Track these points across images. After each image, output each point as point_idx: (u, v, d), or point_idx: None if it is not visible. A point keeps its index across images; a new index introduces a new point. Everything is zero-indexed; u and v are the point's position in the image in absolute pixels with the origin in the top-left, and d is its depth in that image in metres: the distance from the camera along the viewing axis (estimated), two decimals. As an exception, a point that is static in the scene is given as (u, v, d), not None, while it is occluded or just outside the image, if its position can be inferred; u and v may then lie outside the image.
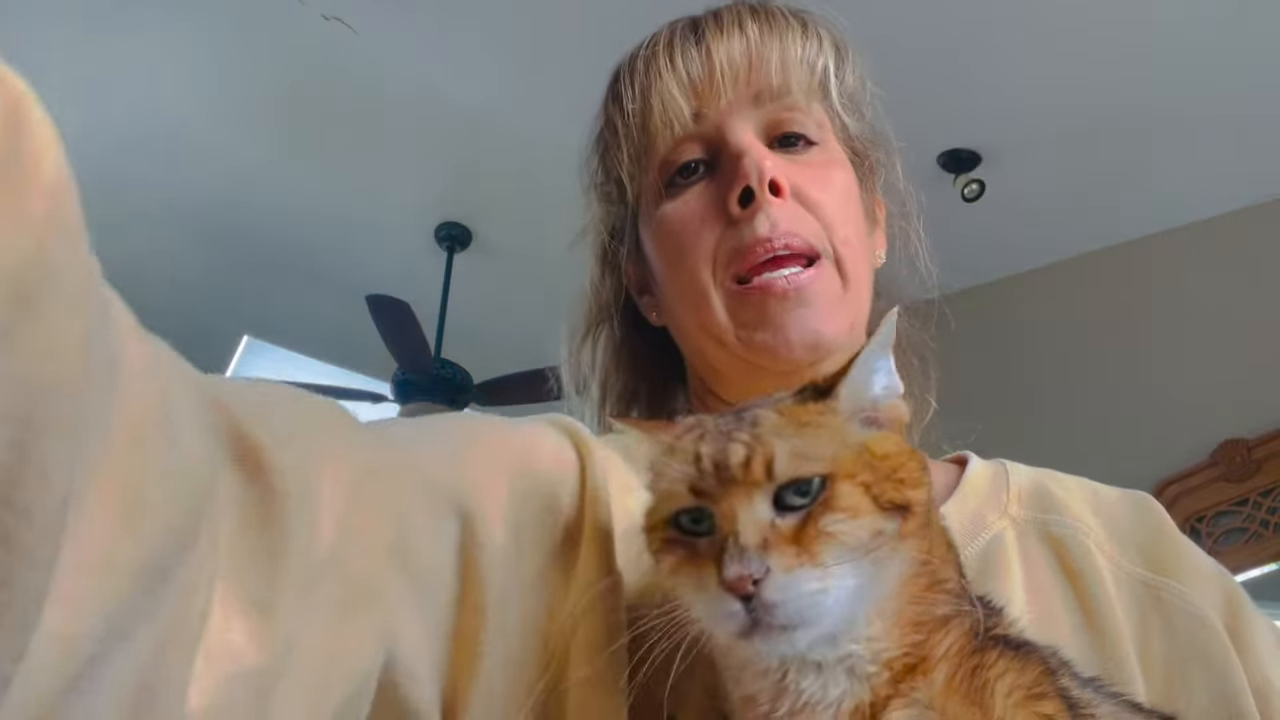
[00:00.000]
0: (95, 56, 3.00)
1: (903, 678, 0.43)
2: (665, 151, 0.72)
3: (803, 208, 0.69)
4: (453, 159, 3.37)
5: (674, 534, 0.46)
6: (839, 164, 0.74)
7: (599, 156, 0.80)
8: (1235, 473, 3.10)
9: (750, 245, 0.67)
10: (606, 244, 0.80)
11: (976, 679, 0.43)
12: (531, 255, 3.49)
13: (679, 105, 0.71)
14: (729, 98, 0.70)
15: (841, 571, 0.42)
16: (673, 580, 0.46)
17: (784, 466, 0.43)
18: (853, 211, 0.73)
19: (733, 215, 0.68)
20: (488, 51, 2.92)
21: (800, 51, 0.72)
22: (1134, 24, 2.71)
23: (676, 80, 0.71)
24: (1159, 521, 0.70)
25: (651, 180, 0.74)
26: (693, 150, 0.72)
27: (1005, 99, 2.98)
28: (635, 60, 0.75)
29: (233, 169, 3.42)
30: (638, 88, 0.73)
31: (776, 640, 0.42)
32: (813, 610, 0.42)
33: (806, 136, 0.72)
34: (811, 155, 0.72)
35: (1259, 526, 3.06)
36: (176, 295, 3.91)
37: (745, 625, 0.42)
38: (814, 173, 0.71)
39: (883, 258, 0.80)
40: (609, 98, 0.78)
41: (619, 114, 0.75)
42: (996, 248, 3.51)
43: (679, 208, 0.71)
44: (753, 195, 0.67)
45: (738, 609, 0.42)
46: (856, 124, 0.76)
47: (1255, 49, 2.76)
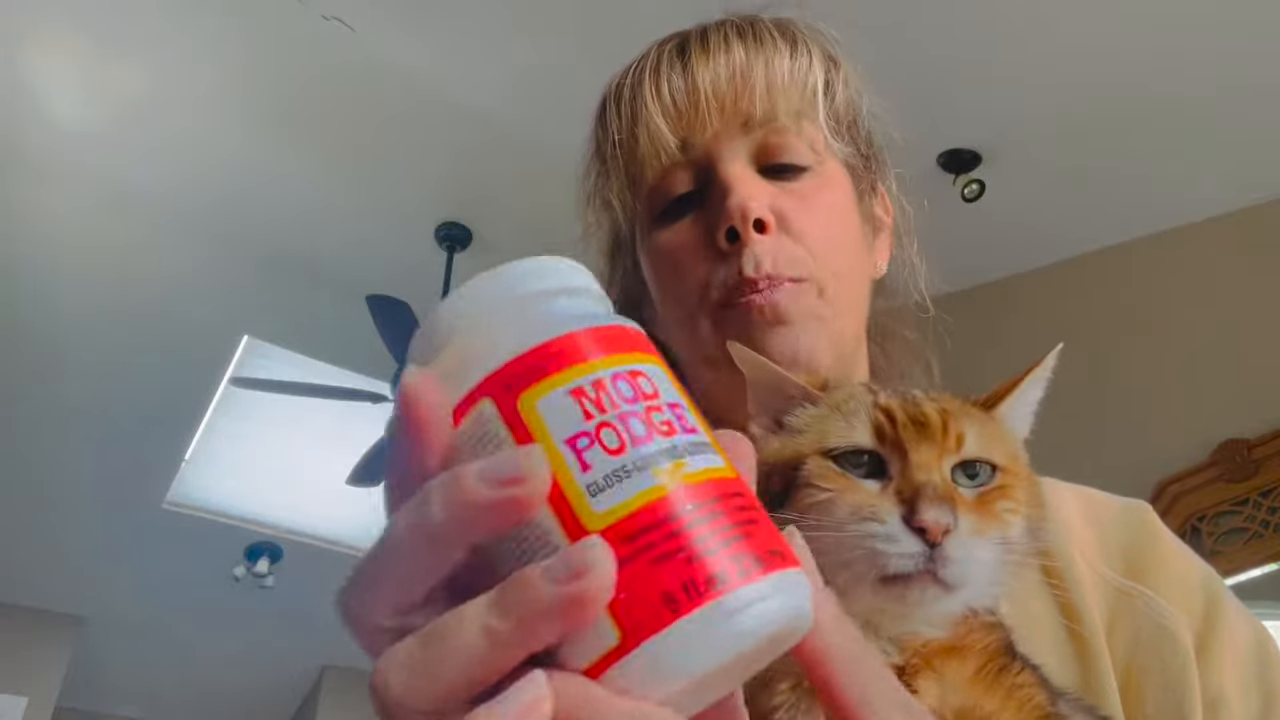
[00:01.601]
0: (94, 55, 3.00)
1: (936, 656, 0.44)
2: (655, 180, 0.71)
3: (790, 239, 0.68)
4: (453, 159, 3.37)
5: (832, 467, 0.46)
6: (831, 185, 0.73)
7: (593, 174, 0.79)
8: (1235, 473, 3.09)
9: (736, 284, 0.67)
10: (603, 253, 0.80)
11: (1003, 679, 0.44)
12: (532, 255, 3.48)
13: (665, 137, 0.70)
14: (715, 126, 0.70)
15: (1000, 554, 0.44)
16: (828, 507, 0.45)
17: (972, 443, 0.46)
18: (845, 237, 0.72)
19: (721, 249, 0.68)
20: (488, 51, 2.92)
21: (788, 74, 0.70)
22: (1135, 24, 2.71)
23: (661, 109, 0.70)
24: (1150, 531, 0.69)
25: (643, 206, 0.73)
26: (683, 180, 0.71)
27: (1005, 99, 2.98)
28: (622, 87, 0.74)
29: (232, 168, 3.42)
30: (624, 117, 0.73)
31: (929, 594, 0.43)
32: (976, 578, 0.43)
33: (796, 164, 0.71)
34: (803, 182, 0.71)
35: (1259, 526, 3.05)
36: (176, 295, 3.91)
37: (916, 567, 0.42)
38: (803, 201, 0.70)
39: (884, 268, 0.79)
40: (597, 125, 0.77)
41: (607, 142, 0.74)
42: (997, 248, 3.51)
43: (670, 238, 0.71)
44: (739, 233, 0.67)
45: (919, 550, 0.42)
46: (846, 146, 0.75)
47: (1256, 49, 2.76)
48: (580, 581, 0.26)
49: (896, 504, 0.44)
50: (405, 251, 3.75)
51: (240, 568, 5.32)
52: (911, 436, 0.46)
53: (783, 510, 0.45)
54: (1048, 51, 2.80)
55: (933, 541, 0.42)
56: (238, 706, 6.43)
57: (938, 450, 0.46)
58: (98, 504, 4.81)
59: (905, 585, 0.43)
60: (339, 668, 6.17)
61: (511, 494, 0.27)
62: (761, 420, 0.51)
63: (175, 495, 4.97)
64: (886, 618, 0.45)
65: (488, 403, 0.29)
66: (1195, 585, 0.66)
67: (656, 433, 0.29)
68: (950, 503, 0.43)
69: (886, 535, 0.43)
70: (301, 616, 5.74)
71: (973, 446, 0.46)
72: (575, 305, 0.32)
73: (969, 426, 0.46)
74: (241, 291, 3.93)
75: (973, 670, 0.44)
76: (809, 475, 0.46)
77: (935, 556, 0.42)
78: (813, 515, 0.45)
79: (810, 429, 0.49)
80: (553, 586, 0.26)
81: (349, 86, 3.09)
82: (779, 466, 0.47)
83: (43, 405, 4.28)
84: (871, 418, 0.47)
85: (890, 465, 0.46)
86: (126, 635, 5.79)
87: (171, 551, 5.16)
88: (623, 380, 0.29)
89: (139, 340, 4.05)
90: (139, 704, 6.34)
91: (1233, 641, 0.63)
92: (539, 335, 0.30)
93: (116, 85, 3.10)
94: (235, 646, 5.97)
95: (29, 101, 3.12)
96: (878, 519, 0.43)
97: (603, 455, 0.28)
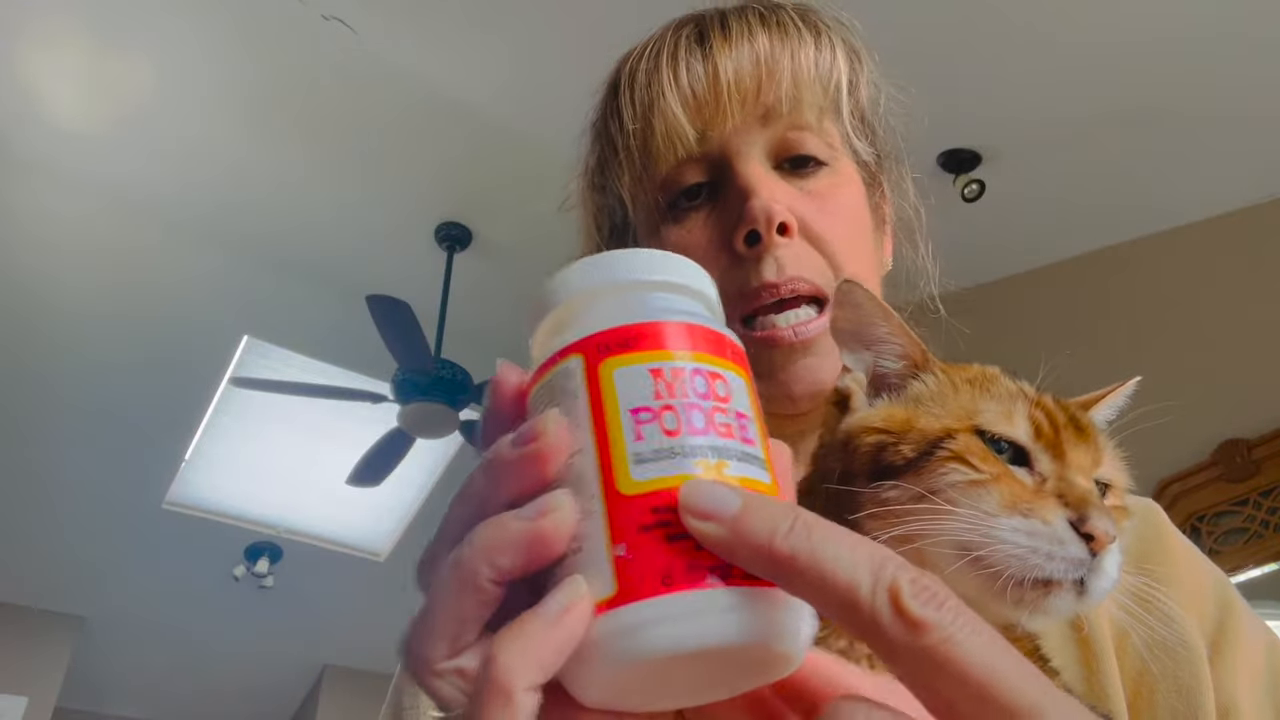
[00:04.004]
0: (96, 55, 3.00)
1: None
2: (667, 171, 0.68)
3: (810, 244, 0.66)
4: (452, 158, 3.37)
5: (987, 448, 0.44)
6: (847, 183, 0.71)
7: (596, 156, 0.76)
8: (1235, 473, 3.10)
9: (756, 289, 0.64)
10: (596, 234, 0.77)
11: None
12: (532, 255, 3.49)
13: (682, 127, 0.67)
14: (735, 119, 0.66)
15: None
16: (976, 491, 0.42)
17: (1107, 466, 0.46)
18: (861, 238, 0.70)
19: (738, 252, 0.65)
20: (488, 50, 2.92)
21: (813, 66, 0.68)
22: (1134, 24, 2.71)
23: (680, 98, 0.67)
24: (1157, 531, 0.68)
25: (652, 199, 0.70)
26: (696, 173, 0.68)
27: (1005, 99, 2.98)
28: (636, 71, 0.70)
29: (232, 168, 3.42)
30: (638, 105, 0.69)
31: (1066, 602, 0.41)
32: (1108, 592, 0.42)
33: (815, 158, 0.69)
34: (820, 179, 0.69)
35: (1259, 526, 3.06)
36: (176, 295, 3.91)
37: (1071, 575, 0.41)
38: (821, 202, 0.68)
39: (889, 264, 0.78)
40: (607, 108, 0.73)
41: (619, 129, 0.71)
42: (997, 248, 3.51)
43: (682, 235, 0.68)
44: (759, 237, 0.64)
45: (1083, 558, 0.41)
46: (866, 146, 0.73)
47: (1255, 49, 2.76)
48: (543, 519, 0.29)
49: (1059, 506, 0.42)
50: (405, 251, 3.75)
51: (240, 568, 5.32)
52: (1071, 439, 0.45)
53: (902, 479, 0.43)
54: (1047, 51, 2.80)
55: (1095, 551, 0.41)
56: (238, 706, 6.43)
57: (1091, 458, 0.45)
58: (98, 504, 4.81)
59: (1048, 591, 0.41)
60: (339, 667, 6.17)
61: (532, 449, 0.30)
62: (855, 377, 0.49)
63: (175, 495, 4.97)
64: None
65: (575, 359, 0.32)
66: (1207, 589, 0.65)
67: (714, 431, 0.30)
68: (1110, 514, 0.42)
69: (1053, 537, 0.41)
70: (301, 616, 5.75)
71: (1107, 469, 0.46)
72: (681, 302, 0.34)
73: (1105, 441, 0.46)
74: (241, 291, 3.93)
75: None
76: (960, 450, 0.43)
77: (1093, 567, 0.41)
78: (948, 494, 0.42)
79: (940, 402, 0.46)
80: (518, 522, 0.29)
81: (349, 87, 3.09)
82: (910, 435, 0.45)
83: (43, 406, 4.28)
84: (1029, 414, 0.45)
85: (1037, 463, 0.44)
86: (126, 635, 5.79)
87: (171, 551, 5.16)
88: (701, 377, 0.31)
89: (139, 340, 4.05)
90: (139, 704, 6.34)
91: (1246, 650, 0.62)
92: (638, 317, 0.32)
93: (117, 87, 3.10)
94: (235, 646, 5.98)
95: (29, 102, 3.12)
96: (1041, 517, 0.41)
97: (658, 433, 0.30)
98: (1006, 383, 0.48)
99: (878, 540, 0.40)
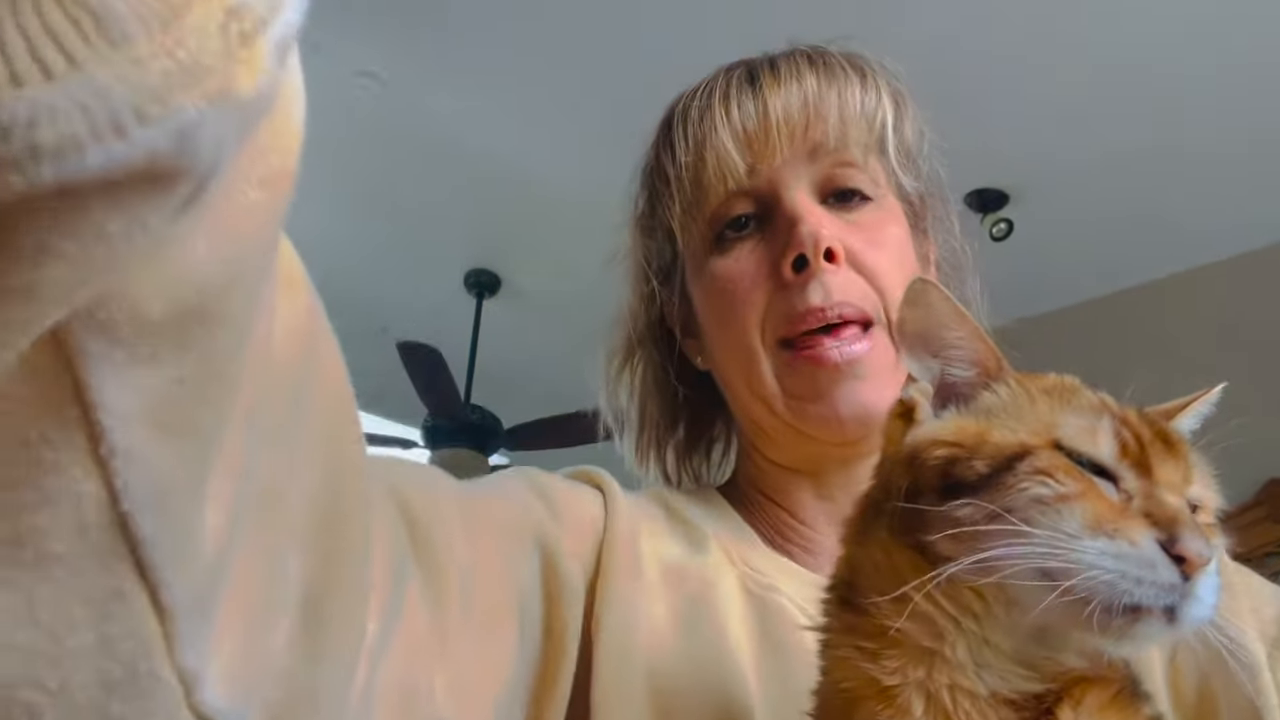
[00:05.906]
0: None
1: (1076, 685, 0.41)
2: (716, 204, 0.71)
3: (856, 273, 0.68)
4: (481, 206, 3.41)
5: (1070, 463, 0.41)
6: (893, 220, 0.72)
7: (646, 195, 0.79)
8: (1282, 513, 3.01)
9: (802, 314, 0.66)
10: (646, 276, 0.79)
11: (1131, 710, 0.42)
12: (560, 301, 3.51)
13: (733, 160, 0.69)
14: (784, 154, 0.69)
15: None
16: (1056, 508, 0.39)
17: (1198, 486, 0.44)
18: (907, 271, 0.71)
19: (785, 279, 0.67)
20: (516, 100, 2.97)
21: (859, 105, 0.70)
22: (1161, 64, 2.70)
23: (731, 134, 0.69)
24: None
25: (700, 230, 0.72)
26: (744, 205, 0.70)
27: (1033, 138, 2.97)
28: (689, 109, 0.73)
29: (267, 220, 3.48)
30: (691, 139, 0.72)
31: (1154, 630, 0.38)
32: (1204, 620, 0.39)
33: (862, 192, 0.71)
34: (865, 213, 0.71)
35: (1309, 569, 2.97)
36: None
37: (1161, 601, 0.37)
38: (869, 234, 0.69)
39: None
40: (661, 143, 0.76)
41: (671, 163, 0.73)
42: (1025, 287, 3.47)
43: (729, 265, 0.70)
44: (807, 262, 0.66)
45: (1175, 583, 0.37)
46: (912, 181, 0.75)
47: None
48: None
49: (1147, 526, 0.39)
50: (435, 298, 3.79)
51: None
52: (1159, 454, 0.42)
53: (976, 497, 0.40)
54: (1075, 91, 2.80)
55: (1187, 574, 0.38)
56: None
57: (1182, 475, 0.42)
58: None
59: (1135, 619, 0.38)
60: None
61: None
62: (920, 387, 0.47)
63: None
64: (1049, 643, 0.41)
65: None
66: (1265, 594, 0.65)
67: None
68: (1204, 532, 0.39)
69: (1142, 560, 0.38)
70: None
71: (1199, 489, 0.42)
72: None
73: (1199, 461, 0.43)
74: (274, 340, 3.97)
75: (1108, 700, 0.41)
76: (1042, 466, 0.40)
77: (1185, 592, 0.38)
78: (1026, 513, 0.39)
79: (1014, 414, 0.44)
80: None
81: (379, 136, 3.15)
82: (984, 450, 0.42)
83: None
84: (1115, 430, 0.42)
85: (1122, 480, 0.41)
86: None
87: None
88: None
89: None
90: None
91: None
92: None
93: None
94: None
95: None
96: (1128, 538, 0.38)
97: None
98: (1088, 394, 0.45)
99: (959, 567, 0.39)
